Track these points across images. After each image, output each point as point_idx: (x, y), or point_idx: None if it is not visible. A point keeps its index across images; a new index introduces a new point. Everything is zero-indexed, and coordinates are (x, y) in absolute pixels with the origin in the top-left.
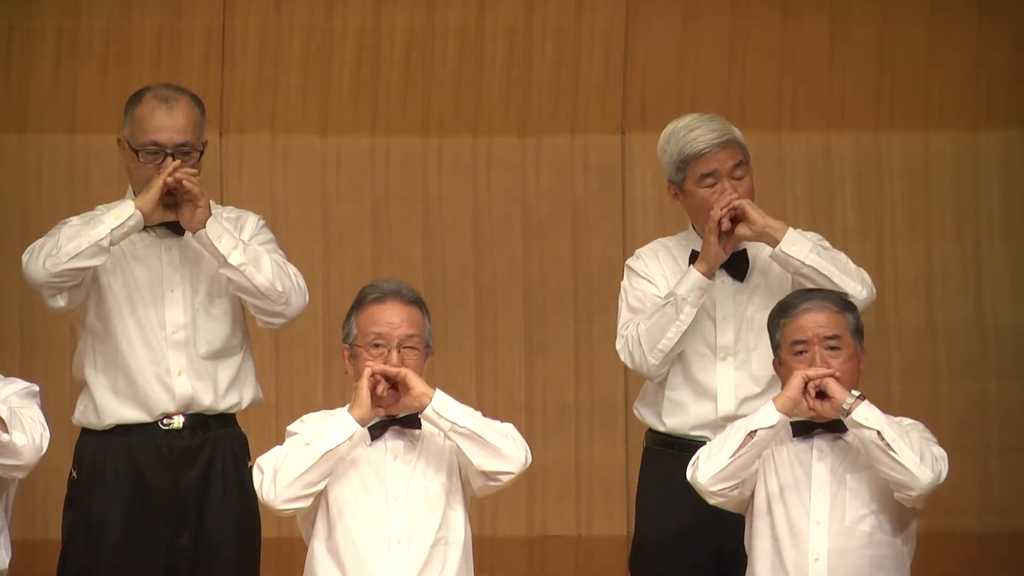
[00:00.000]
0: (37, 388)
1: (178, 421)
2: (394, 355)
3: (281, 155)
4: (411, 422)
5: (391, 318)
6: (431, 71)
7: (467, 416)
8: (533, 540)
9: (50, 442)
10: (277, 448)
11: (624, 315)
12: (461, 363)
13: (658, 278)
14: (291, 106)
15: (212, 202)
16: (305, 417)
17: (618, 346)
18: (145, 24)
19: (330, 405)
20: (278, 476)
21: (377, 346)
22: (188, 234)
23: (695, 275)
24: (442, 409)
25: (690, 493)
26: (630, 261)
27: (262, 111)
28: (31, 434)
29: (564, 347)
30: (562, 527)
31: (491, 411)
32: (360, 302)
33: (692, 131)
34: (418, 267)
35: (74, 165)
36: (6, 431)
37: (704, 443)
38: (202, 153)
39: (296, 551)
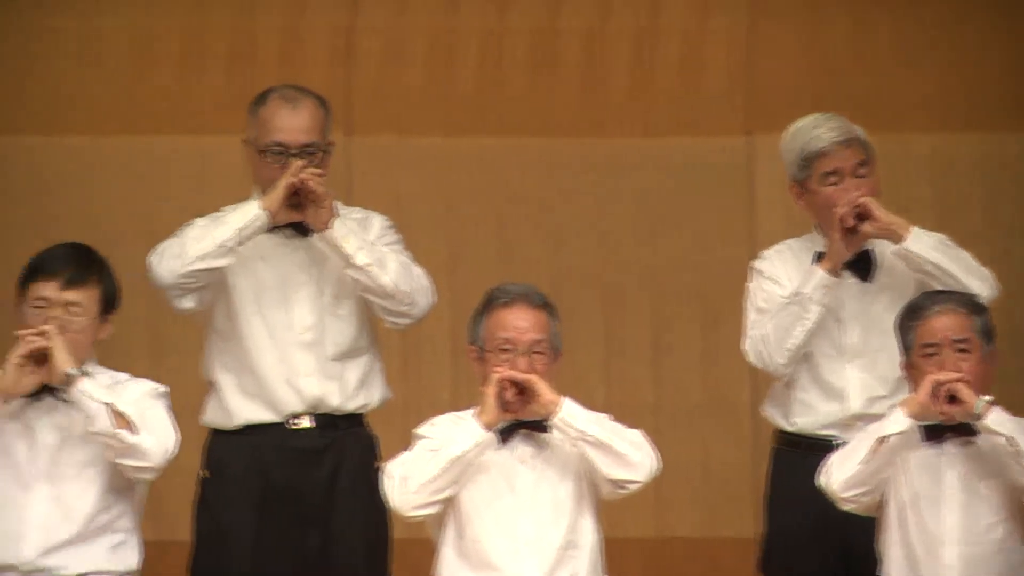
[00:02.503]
0: (165, 389)
1: (306, 421)
2: (522, 360)
3: (406, 156)
4: (539, 426)
5: (519, 323)
6: (554, 73)
7: (595, 425)
8: (659, 541)
9: (179, 443)
10: (406, 454)
11: (751, 316)
12: (588, 364)
13: (784, 279)
14: (415, 107)
15: (339, 203)
16: (434, 420)
17: (745, 346)
18: (270, 24)
19: (457, 406)
20: (407, 483)
21: (505, 351)
22: (315, 235)
23: (820, 273)
24: (570, 418)
25: (820, 493)
26: (756, 262)
27: (387, 112)
28: (160, 436)
29: (690, 349)
30: (689, 528)
31: (618, 413)
32: (488, 305)
33: (815, 129)
34: (543, 268)
35: (200, 166)
36: (135, 433)
37: (833, 442)
38: (327, 153)
39: (425, 553)
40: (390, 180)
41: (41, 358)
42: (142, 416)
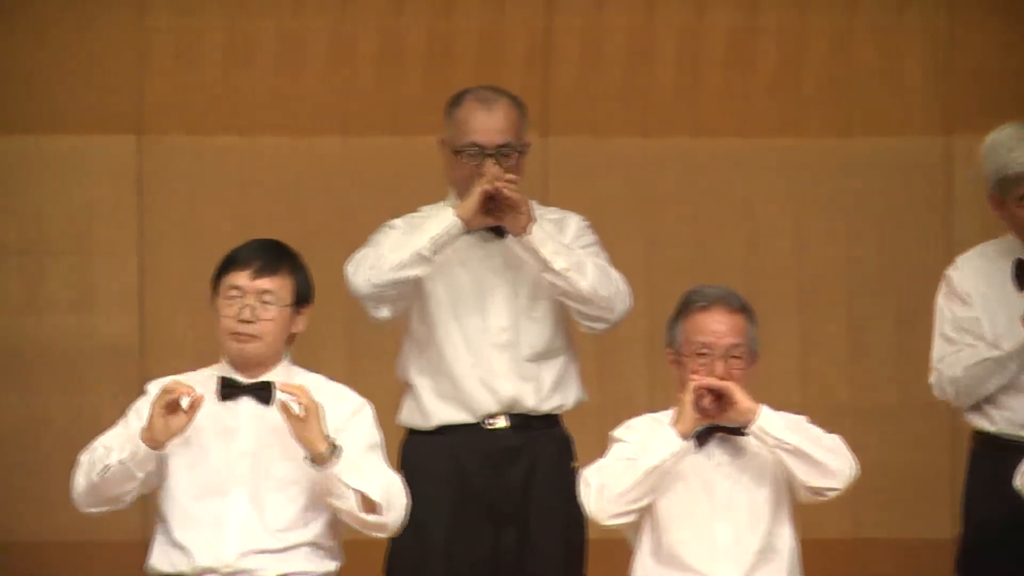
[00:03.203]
0: (372, 411)
1: (501, 421)
2: (719, 365)
3: (603, 157)
4: (736, 430)
5: (717, 327)
6: (750, 72)
7: (793, 432)
8: (856, 542)
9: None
10: (602, 460)
11: (939, 346)
12: (783, 365)
13: (974, 296)
14: (612, 107)
15: (534, 202)
16: (631, 423)
17: (931, 379)
18: (467, 26)
19: (653, 408)
20: (603, 492)
21: (702, 355)
22: (510, 237)
23: None
24: (768, 426)
25: (1018, 495)
26: (949, 270)
27: (583, 112)
28: (398, 506)
29: (886, 349)
30: (885, 530)
31: (813, 413)
32: (685, 308)
33: (1011, 152)
34: (738, 269)
35: (399, 166)
36: (380, 514)
37: None
38: (522, 154)
39: (621, 554)
40: (586, 181)
41: (174, 405)
42: (385, 491)
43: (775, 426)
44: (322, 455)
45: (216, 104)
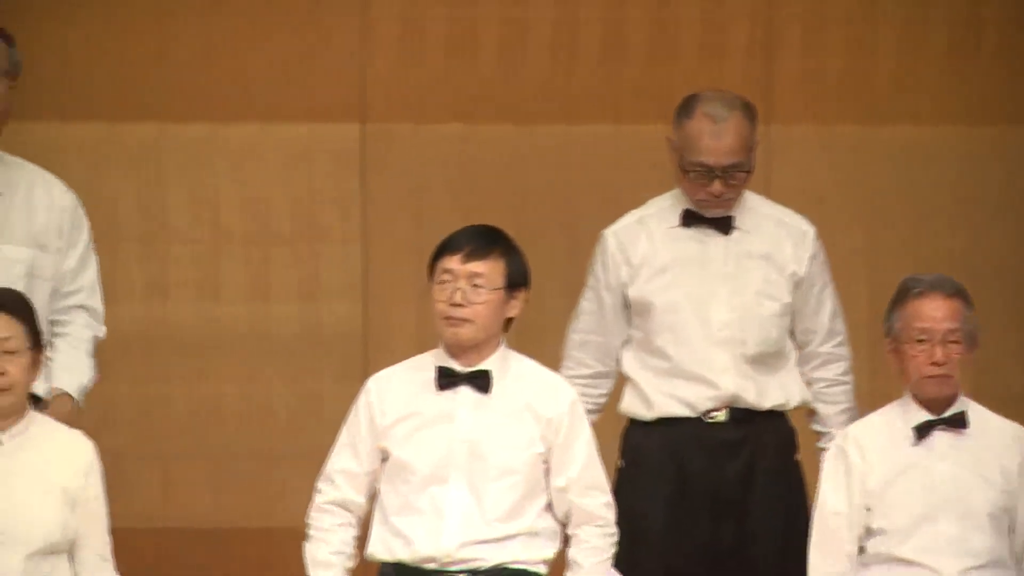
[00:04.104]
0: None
1: (722, 415)
2: (938, 351)
3: (825, 145)
4: (959, 422)
5: (934, 312)
6: (975, 60)
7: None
8: None
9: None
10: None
11: None
12: (1002, 351)
13: None
14: (832, 95)
15: (762, 198)
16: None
17: None
18: (690, 16)
19: (874, 400)
20: None
21: (921, 341)
22: (736, 232)
23: None
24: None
25: None
26: None
27: (806, 100)
28: None
29: None
30: None
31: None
32: (902, 296)
33: None
34: (957, 259)
35: (618, 155)
36: None
37: None
38: (749, 172)
39: None
40: (808, 171)
41: None
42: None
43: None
44: None
45: (439, 92)
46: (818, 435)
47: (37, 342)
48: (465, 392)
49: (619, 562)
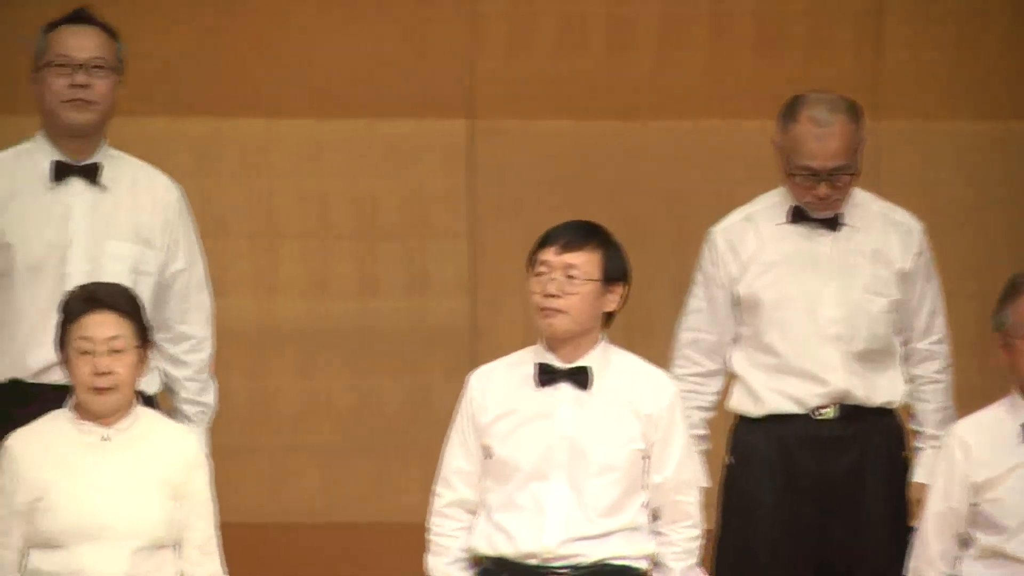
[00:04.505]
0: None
1: (831, 411)
2: None
3: (935, 140)
4: None
5: None
6: None
7: None
8: None
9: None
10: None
11: None
12: None
13: None
14: (943, 88)
15: (873, 195)
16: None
17: None
18: (797, 8)
19: (987, 396)
20: None
21: None
22: (845, 228)
23: None
24: None
25: None
26: None
27: (915, 94)
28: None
29: None
30: None
31: None
32: (1013, 291)
33: None
34: None
35: (725, 150)
36: None
37: None
38: (855, 175)
39: None
40: (918, 167)
41: None
42: None
43: None
44: None
45: (547, 88)
46: (914, 434)
47: (144, 340)
48: (565, 389)
49: (729, 557)
